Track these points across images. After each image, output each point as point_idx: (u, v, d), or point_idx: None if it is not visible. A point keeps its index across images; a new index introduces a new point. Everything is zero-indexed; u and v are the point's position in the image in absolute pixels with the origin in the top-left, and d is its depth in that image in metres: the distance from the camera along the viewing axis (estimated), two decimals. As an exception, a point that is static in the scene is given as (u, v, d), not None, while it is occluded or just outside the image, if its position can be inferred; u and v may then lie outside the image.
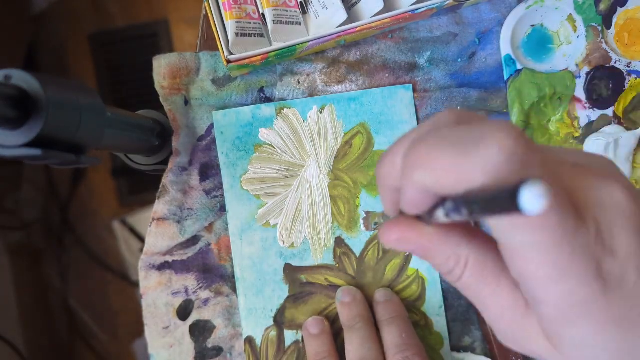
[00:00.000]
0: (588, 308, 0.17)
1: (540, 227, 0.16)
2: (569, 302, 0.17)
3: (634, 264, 0.17)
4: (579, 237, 0.16)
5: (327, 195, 0.39)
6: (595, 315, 0.17)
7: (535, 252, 0.16)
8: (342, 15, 0.36)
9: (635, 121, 0.39)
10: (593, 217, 0.17)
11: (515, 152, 0.15)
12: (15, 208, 1.17)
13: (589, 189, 0.17)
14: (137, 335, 1.19)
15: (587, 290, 0.16)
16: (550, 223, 0.16)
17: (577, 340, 0.17)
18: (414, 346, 0.35)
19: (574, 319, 0.17)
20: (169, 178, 0.38)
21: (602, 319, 0.17)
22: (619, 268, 0.17)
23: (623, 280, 0.17)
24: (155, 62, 0.38)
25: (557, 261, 0.16)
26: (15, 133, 0.23)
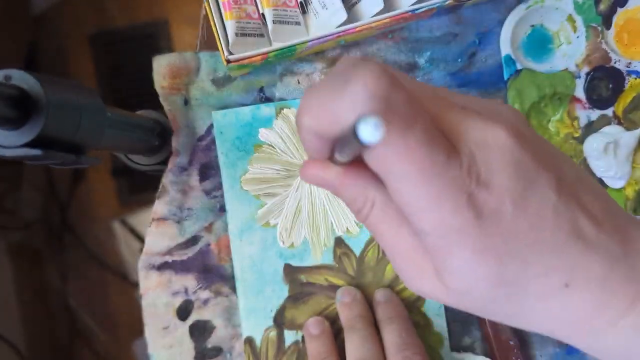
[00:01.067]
0: (463, 236, 0.18)
1: (408, 159, 0.17)
2: (445, 230, 0.18)
3: (509, 198, 0.18)
4: (450, 170, 0.17)
5: (326, 195, 0.39)
6: (471, 243, 0.18)
7: (408, 183, 0.17)
8: (342, 15, 0.36)
9: (635, 121, 0.39)
10: (469, 152, 0.18)
11: (377, 89, 0.16)
12: (15, 208, 1.17)
13: (471, 128, 0.18)
14: (137, 335, 1.18)
15: (459, 219, 0.17)
16: (417, 155, 0.17)
17: (456, 268, 0.18)
18: (414, 346, 0.35)
19: (451, 247, 0.18)
20: (168, 178, 0.38)
21: (478, 248, 0.18)
22: (494, 201, 0.17)
23: (499, 212, 0.18)
24: (155, 62, 0.38)
25: (428, 190, 0.17)
26: (15, 133, 0.23)
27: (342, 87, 0.17)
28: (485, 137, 0.18)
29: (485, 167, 0.18)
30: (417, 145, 0.17)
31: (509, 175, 0.18)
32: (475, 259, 0.18)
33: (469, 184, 0.17)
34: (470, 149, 0.18)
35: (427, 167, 0.17)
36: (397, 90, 0.17)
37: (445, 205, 0.17)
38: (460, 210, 0.17)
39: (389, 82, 0.17)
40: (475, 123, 0.18)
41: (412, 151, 0.17)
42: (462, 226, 0.17)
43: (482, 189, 0.17)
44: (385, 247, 0.21)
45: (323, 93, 0.18)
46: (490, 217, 0.17)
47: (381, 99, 0.16)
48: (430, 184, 0.17)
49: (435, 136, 0.17)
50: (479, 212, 0.17)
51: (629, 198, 0.39)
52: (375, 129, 0.14)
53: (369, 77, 0.17)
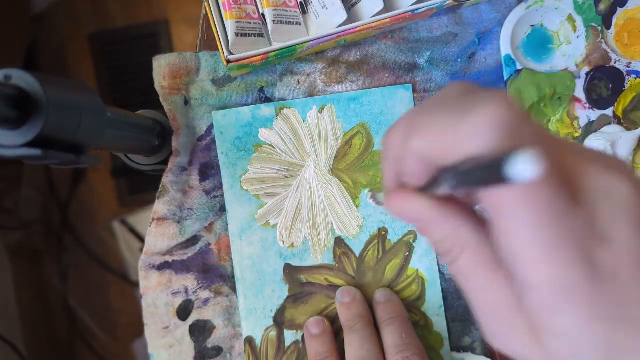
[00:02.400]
0: (574, 295, 0.16)
1: (529, 202, 0.15)
2: (555, 286, 0.16)
3: (629, 257, 0.16)
4: (570, 220, 0.16)
5: (326, 196, 0.39)
6: (582, 304, 0.16)
7: (522, 230, 0.16)
8: (342, 15, 0.36)
9: (635, 121, 0.39)
10: (590, 203, 0.16)
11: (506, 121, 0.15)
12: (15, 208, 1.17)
13: (591, 175, 0.17)
14: (137, 335, 1.19)
15: (574, 276, 0.16)
16: (539, 199, 0.15)
17: (560, 330, 0.17)
18: (414, 346, 0.35)
19: (558, 306, 0.16)
20: (168, 178, 0.38)
21: (588, 310, 0.16)
22: (612, 259, 0.16)
23: (616, 272, 0.16)
24: (155, 62, 0.38)
25: (544, 241, 0.16)
26: (15, 133, 0.23)
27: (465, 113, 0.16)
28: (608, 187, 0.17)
29: (606, 220, 0.16)
30: (541, 187, 0.15)
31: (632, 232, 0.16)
32: (584, 322, 0.16)
33: (588, 238, 0.16)
34: (592, 199, 0.16)
35: (547, 211, 0.15)
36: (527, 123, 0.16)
37: (559, 258, 0.16)
38: (576, 266, 0.16)
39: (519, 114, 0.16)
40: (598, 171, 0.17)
41: (535, 192, 0.15)
42: (575, 284, 0.16)
43: (601, 244, 0.16)
44: (472, 296, 0.20)
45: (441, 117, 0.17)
46: (606, 278, 0.16)
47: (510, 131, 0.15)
48: (547, 232, 0.16)
49: (561, 180, 0.16)
50: (594, 270, 0.16)
51: (629, 198, 0.39)
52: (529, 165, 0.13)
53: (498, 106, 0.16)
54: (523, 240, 0.16)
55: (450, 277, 0.39)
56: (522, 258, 0.16)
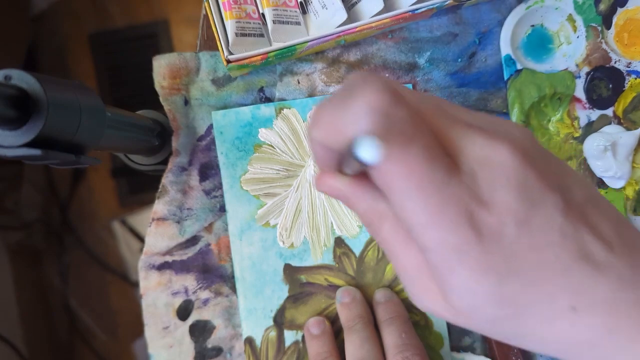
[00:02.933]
0: (463, 255, 0.17)
1: (408, 174, 0.17)
2: (446, 248, 0.18)
3: (512, 219, 0.17)
4: (451, 187, 0.17)
5: (326, 196, 0.39)
6: (471, 262, 0.18)
7: (408, 199, 0.17)
8: (342, 15, 0.36)
9: (635, 121, 0.39)
10: (470, 170, 0.18)
11: (378, 104, 0.17)
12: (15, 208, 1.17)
13: (473, 144, 0.18)
14: (137, 335, 1.19)
15: (459, 237, 0.17)
16: (417, 171, 0.17)
17: (458, 286, 0.18)
18: (414, 346, 0.35)
19: (451, 265, 0.18)
20: (168, 178, 0.38)
21: (477, 267, 0.18)
22: (495, 220, 0.17)
23: (500, 233, 0.17)
24: (155, 62, 0.38)
25: (428, 208, 0.17)
26: (15, 133, 0.23)
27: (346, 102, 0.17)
28: (488, 154, 0.18)
29: (487, 185, 0.18)
30: (416, 161, 0.17)
31: (512, 195, 0.17)
32: (475, 277, 0.18)
33: (469, 202, 0.17)
34: (472, 167, 0.18)
35: (427, 183, 0.17)
36: (398, 105, 0.17)
37: (444, 222, 0.17)
38: (460, 228, 0.17)
39: (390, 98, 0.17)
40: (478, 139, 0.18)
41: (412, 167, 0.17)
42: (462, 245, 0.17)
43: (483, 208, 0.17)
44: (394, 263, 0.21)
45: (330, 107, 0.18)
46: (491, 237, 0.17)
47: (381, 114, 0.17)
48: (429, 200, 0.17)
49: (436, 152, 0.17)
50: (479, 232, 0.17)
51: (629, 198, 0.39)
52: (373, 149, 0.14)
53: (370, 92, 0.17)
54: (411, 210, 0.18)
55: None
56: (414, 226, 0.18)
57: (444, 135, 0.18)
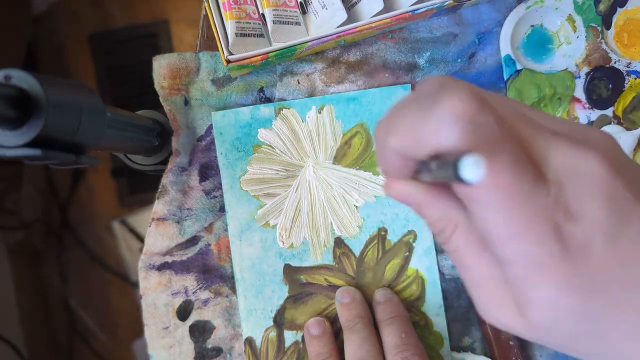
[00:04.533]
0: (547, 269, 0.17)
1: (493, 184, 0.16)
2: (529, 261, 0.17)
3: (600, 231, 0.17)
4: (537, 198, 0.17)
5: (326, 196, 0.39)
6: (555, 277, 0.17)
7: (492, 210, 0.17)
8: (342, 15, 0.36)
9: (634, 121, 0.39)
10: (558, 180, 0.17)
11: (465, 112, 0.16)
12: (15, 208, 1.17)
13: (560, 154, 0.17)
14: (137, 335, 1.19)
15: (545, 250, 0.17)
16: (503, 181, 0.16)
17: (538, 301, 0.17)
18: (414, 346, 0.35)
19: (534, 279, 0.17)
20: (168, 178, 0.38)
21: (561, 282, 0.17)
22: (582, 234, 0.17)
23: (587, 246, 0.17)
24: (155, 62, 0.38)
25: (512, 218, 0.17)
26: (15, 133, 0.23)
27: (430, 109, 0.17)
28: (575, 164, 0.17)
29: (575, 197, 0.17)
30: (503, 171, 0.16)
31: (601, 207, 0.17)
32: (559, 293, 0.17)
33: (555, 214, 0.17)
34: (559, 177, 0.17)
35: (513, 194, 0.16)
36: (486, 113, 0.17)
37: (530, 235, 0.17)
38: (546, 241, 0.17)
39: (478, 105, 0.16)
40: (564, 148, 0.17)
41: (498, 177, 0.16)
42: (547, 258, 0.17)
43: (570, 220, 0.17)
44: (464, 273, 0.21)
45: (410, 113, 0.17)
46: (577, 251, 0.17)
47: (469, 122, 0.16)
48: (515, 212, 0.16)
49: (523, 162, 0.17)
50: (565, 245, 0.17)
51: (628, 198, 0.39)
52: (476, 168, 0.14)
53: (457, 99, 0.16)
54: (494, 222, 0.17)
55: (451, 277, 0.39)
56: (496, 238, 0.17)
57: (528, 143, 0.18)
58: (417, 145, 0.17)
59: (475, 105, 0.16)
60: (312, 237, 0.39)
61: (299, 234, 0.39)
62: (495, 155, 0.16)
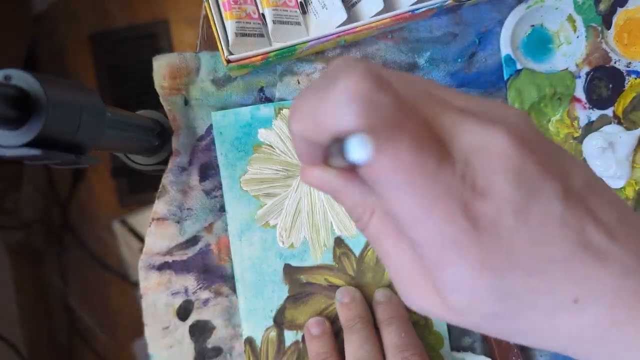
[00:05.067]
0: (459, 248, 0.16)
1: (396, 165, 0.16)
2: (439, 241, 0.16)
3: (509, 208, 0.16)
4: (442, 177, 0.16)
5: (326, 196, 0.39)
6: (468, 255, 0.16)
7: (398, 194, 0.16)
8: (342, 15, 0.36)
9: (635, 121, 0.39)
10: (463, 158, 0.17)
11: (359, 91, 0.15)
12: (15, 208, 1.17)
13: (467, 131, 0.17)
14: (137, 335, 1.19)
15: (454, 230, 0.16)
16: (405, 161, 0.16)
17: (453, 282, 0.17)
18: (414, 346, 0.35)
19: (446, 260, 0.17)
20: (168, 178, 0.38)
21: (476, 260, 0.16)
22: (491, 210, 0.16)
23: (498, 223, 0.16)
24: (155, 62, 0.38)
25: (419, 199, 0.16)
26: (15, 133, 0.23)
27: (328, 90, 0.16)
28: (482, 141, 0.17)
29: (482, 174, 0.16)
30: (404, 151, 0.16)
31: (509, 183, 0.16)
32: (471, 272, 0.17)
33: (462, 192, 0.16)
34: (465, 155, 0.17)
35: (416, 173, 0.16)
36: (382, 91, 0.16)
37: (437, 215, 0.16)
38: (455, 220, 0.16)
39: (373, 84, 0.16)
40: (471, 126, 0.17)
41: (399, 158, 0.16)
42: (457, 237, 0.16)
43: (478, 197, 0.16)
44: (383, 260, 0.20)
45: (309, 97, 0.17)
46: (488, 228, 0.16)
47: (364, 102, 0.15)
48: (420, 192, 0.16)
49: (425, 141, 0.16)
50: (475, 223, 0.16)
51: (628, 198, 0.39)
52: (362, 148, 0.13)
53: (351, 79, 0.16)
54: (400, 204, 0.16)
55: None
56: (405, 220, 0.17)
57: (434, 121, 0.17)
58: (317, 130, 0.17)
59: (370, 85, 0.16)
60: (312, 237, 0.39)
61: (299, 234, 0.39)
62: (394, 134, 0.15)
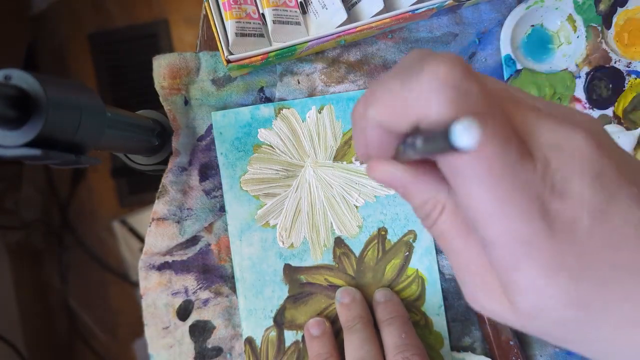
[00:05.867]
0: (533, 249, 0.16)
1: (478, 156, 0.15)
2: (513, 241, 0.16)
3: (587, 209, 0.16)
4: (522, 173, 0.16)
5: (326, 196, 0.39)
6: (542, 258, 0.16)
7: (475, 184, 0.16)
8: (342, 15, 0.36)
9: (634, 121, 0.39)
10: (544, 157, 0.16)
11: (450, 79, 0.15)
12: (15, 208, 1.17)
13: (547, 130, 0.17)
14: (137, 335, 1.19)
15: (530, 230, 0.16)
16: (488, 153, 0.15)
17: (525, 284, 0.16)
18: (414, 346, 0.35)
19: (518, 261, 0.16)
20: (168, 178, 0.38)
21: (549, 263, 0.16)
22: (569, 212, 0.16)
23: (574, 225, 0.16)
24: (155, 62, 0.38)
25: (497, 196, 0.16)
26: (15, 133, 0.23)
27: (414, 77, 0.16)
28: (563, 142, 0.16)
29: (562, 175, 0.16)
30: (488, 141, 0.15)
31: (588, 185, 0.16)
32: (545, 275, 0.16)
33: (542, 191, 0.16)
34: (545, 154, 0.16)
35: (498, 167, 0.15)
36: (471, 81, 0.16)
37: (514, 212, 0.16)
38: (531, 219, 0.16)
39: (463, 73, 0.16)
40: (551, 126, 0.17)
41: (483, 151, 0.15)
42: (532, 237, 0.16)
43: (556, 197, 0.16)
44: (451, 259, 0.20)
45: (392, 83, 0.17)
46: (564, 230, 0.16)
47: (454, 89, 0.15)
48: (499, 187, 0.15)
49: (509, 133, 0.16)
50: (551, 223, 0.16)
51: (628, 198, 0.39)
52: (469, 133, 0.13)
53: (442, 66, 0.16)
54: (478, 199, 0.16)
55: (451, 277, 0.39)
56: (480, 216, 0.16)
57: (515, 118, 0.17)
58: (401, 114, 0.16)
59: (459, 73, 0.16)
60: (312, 237, 0.39)
61: (299, 233, 0.39)
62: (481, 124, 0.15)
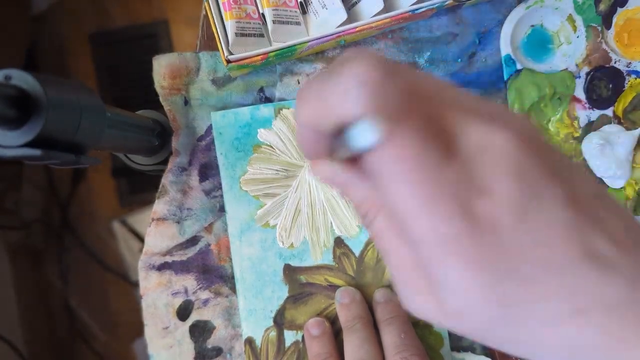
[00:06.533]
0: (457, 247, 0.16)
1: (398, 156, 0.15)
2: (437, 239, 0.16)
3: (511, 209, 0.16)
4: (446, 174, 0.16)
5: (326, 196, 0.39)
6: (465, 256, 0.16)
7: (398, 187, 0.16)
8: (342, 15, 0.36)
9: (634, 121, 0.39)
10: (467, 155, 0.16)
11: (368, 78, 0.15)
12: (15, 208, 1.17)
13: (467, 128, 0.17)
14: (137, 335, 1.18)
15: (453, 227, 0.16)
16: (408, 153, 0.15)
17: (450, 283, 0.16)
18: (413, 347, 0.35)
19: (444, 259, 0.16)
20: (168, 178, 0.38)
21: (472, 261, 0.16)
22: (492, 210, 0.16)
23: (497, 224, 0.16)
24: (155, 62, 0.38)
25: (419, 195, 0.16)
26: (15, 133, 0.23)
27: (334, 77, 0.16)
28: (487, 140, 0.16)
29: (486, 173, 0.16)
30: (408, 142, 0.15)
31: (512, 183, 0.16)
32: (470, 274, 0.16)
33: (464, 190, 0.16)
34: (469, 152, 0.16)
35: (419, 166, 0.16)
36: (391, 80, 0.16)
37: (437, 211, 0.16)
38: (454, 218, 0.16)
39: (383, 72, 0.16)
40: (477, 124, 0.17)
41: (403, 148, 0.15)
42: (456, 236, 0.16)
43: (480, 196, 0.16)
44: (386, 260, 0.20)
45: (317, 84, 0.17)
46: (487, 228, 0.16)
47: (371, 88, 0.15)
48: (422, 187, 0.16)
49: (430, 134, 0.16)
50: (475, 222, 0.16)
51: (628, 198, 0.39)
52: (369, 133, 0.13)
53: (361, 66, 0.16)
54: (401, 197, 0.16)
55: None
56: (404, 215, 0.16)
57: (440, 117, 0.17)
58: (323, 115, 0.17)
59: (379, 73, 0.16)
60: (312, 237, 0.39)
61: (298, 234, 0.39)
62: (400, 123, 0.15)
